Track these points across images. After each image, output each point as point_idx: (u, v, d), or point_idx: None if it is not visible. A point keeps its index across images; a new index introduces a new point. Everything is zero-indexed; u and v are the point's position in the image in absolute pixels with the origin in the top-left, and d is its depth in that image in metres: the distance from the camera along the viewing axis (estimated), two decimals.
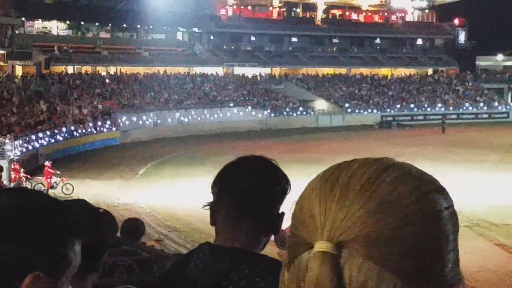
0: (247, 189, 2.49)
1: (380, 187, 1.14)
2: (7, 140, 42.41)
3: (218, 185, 2.56)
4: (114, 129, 59.77)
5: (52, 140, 50.55)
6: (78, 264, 1.56)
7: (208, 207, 2.59)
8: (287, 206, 2.54)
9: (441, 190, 1.19)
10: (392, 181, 1.15)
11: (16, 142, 43.74)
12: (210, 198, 2.62)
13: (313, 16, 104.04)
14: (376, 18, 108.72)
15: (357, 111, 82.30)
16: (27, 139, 46.58)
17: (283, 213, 2.54)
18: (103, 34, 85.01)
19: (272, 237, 2.72)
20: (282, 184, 2.54)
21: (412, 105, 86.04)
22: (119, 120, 61.08)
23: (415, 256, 1.11)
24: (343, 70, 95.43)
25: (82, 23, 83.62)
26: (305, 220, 1.16)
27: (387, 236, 1.10)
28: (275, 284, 2.33)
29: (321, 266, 1.11)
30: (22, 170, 37.65)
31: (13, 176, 37.05)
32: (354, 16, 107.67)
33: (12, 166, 37.83)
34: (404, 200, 1.13)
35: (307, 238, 1.14)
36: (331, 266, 1.10)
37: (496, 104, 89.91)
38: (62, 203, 1.59)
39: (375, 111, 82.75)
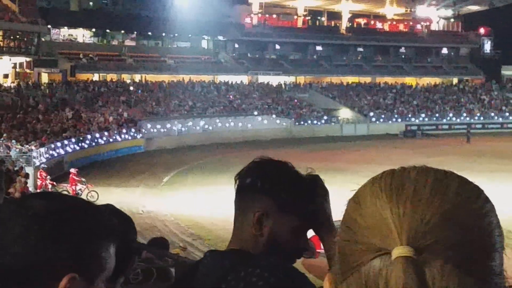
0: (237, 187, 2.50)
1: (448, 192, 1.15)
2: (33, 147, 42.69)
3: None
4: (138, 136, 59.99)
5: (77, 148, 50.81)
6: (113, 266, 1.59)
7: None
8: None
9: (489, 200, 1.22)
10: (457, 187, 1.17)
11: (42, 149, 44.01)
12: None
13: (337, 24, 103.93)
14: (401, 27, 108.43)
15: (381, 120, 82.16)
16: (52, 146, 46.85)
17: (262, 213, 2.46)
18: (128, 42, 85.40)
19: None
20: (256, 181, 2.48)
21: (437, 115, 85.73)
22: (144, 128, 61.30)
23: (488, 258, 1.12)
24: (367, 79, 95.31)
25: (107, 31, 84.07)
26: (374, 226, 1.15)
27: (464, 239, 1.11)
28: (276, 283, 2.35)
29: (406, 271, 1.10)
30: (48, 177, 37.90)
31: (39, 183, 37.30)
32: (379, 25, 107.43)
33: (39, 173, 38.08)
34: (472, 204, 1.15)
35: (379, 244, 1.14)
36: (416, 271, 1.09)
37: None
38: (97, 206, 1.64)
39: (399, 120, 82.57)
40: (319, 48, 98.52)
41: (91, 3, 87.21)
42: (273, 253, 2.46)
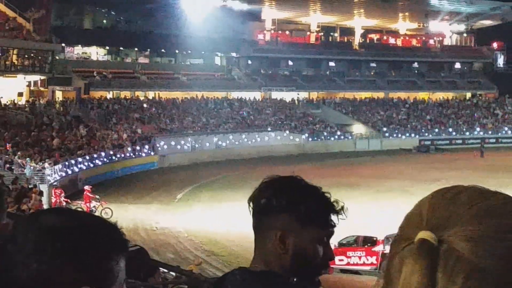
0: (252, 210, 2.50)
1: (488, 201, 1.16)
2: (47, 165, 42.81)
3: None
4: (152, 153, 60.08)
5: (91, 165, 50.92)
6: (123, 279, 1.62)
7: None
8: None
9: None
10: (500, 198, 1.18)
11: (56, 167, 44.13)
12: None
13: (350, 40, 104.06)
14: (414, 42, 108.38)
15: (395, 135, 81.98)
16: (66, 163, 46.96)
17: (282, 231, 2.45)
18: (141, 59, 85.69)
19: None
20: (277, 200, 2.46)
21: (450, 129, 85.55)
22: (158, 145, 61.39)
23: (508, 263, 1.11)
24: (380, 94, 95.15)
25: (121, 48, 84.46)
26: (412, 219, 1.20)
27: (486, 236, 1.11)
28: None
29: (419, 254, 1.12)
30: (62, 194, 38.00)
31: (53, 200, 37.40)
32: (391, 40, 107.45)
33: (53, 191, 38.18)
34: (509, 213, 1.15)
35: (411, 233, 1.17)
36: (429, 256, 1.12)
37: None
38: (106, 221, 1.69)
39: (413, 135, 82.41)
40: (332, 64, 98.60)
41: (104, 21, 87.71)
42: (301, 268, 2.48)
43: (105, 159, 53.57)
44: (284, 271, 2.46)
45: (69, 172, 46.66)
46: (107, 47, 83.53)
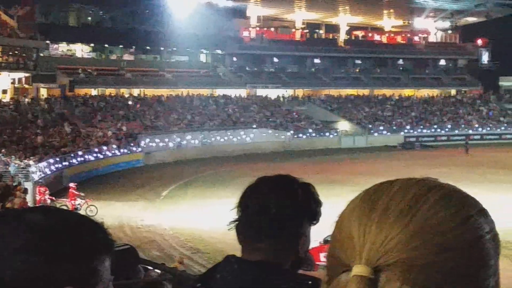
0: (257, 211, 2.49)
1: (420, 211, 1.11)
2: (31, 162, 42.67)
3: (238, 206, 2.58)
4: (137, 150, 59.94)
5: (76, 162, 50.79)
6: (108, 279, 1.60)
7: (233, 227, 2.58)
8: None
9: (483, 213, 1.17)
10: (433, 204, 1.12)
11: (41, 164, 43.99)
12: (232, 218, 2.63)
13: (335, 37, 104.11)
14: (399, 39, 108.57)
15: (380, 132, 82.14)
16: (51, 161, 46.82)
17: (302, 234, 2.51)
18: (126, 56, 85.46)
19: None
20: (293, 205, 2.49)
21: (435, 126, 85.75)
22: (143, 142, 61.27)
23: (454, 281, 1.08)
24: (366, 91, 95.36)
25: (106, 45, 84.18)
26: (343, 241, 1.15)
27: (426, 262, 1.07)
28: None
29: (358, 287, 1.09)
30: (47, 192, 37.91)
31: (38, 198, 37.28)
32: (376, 37, 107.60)
33: (37, 189, 38.07)
34: (444, 225, 1.10)
35: (345, 260, 1.13)
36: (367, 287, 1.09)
37: None
38: (92, 220, 1.66)
39: (398, 132, 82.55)
40: (317, 60, 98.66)
41: (89, 18, 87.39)
42: (303, 262, 2.54)
43: (90, 157, 53.43)
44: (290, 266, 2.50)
45: (54, 169, 46.52)
46: (92, 44, 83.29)
